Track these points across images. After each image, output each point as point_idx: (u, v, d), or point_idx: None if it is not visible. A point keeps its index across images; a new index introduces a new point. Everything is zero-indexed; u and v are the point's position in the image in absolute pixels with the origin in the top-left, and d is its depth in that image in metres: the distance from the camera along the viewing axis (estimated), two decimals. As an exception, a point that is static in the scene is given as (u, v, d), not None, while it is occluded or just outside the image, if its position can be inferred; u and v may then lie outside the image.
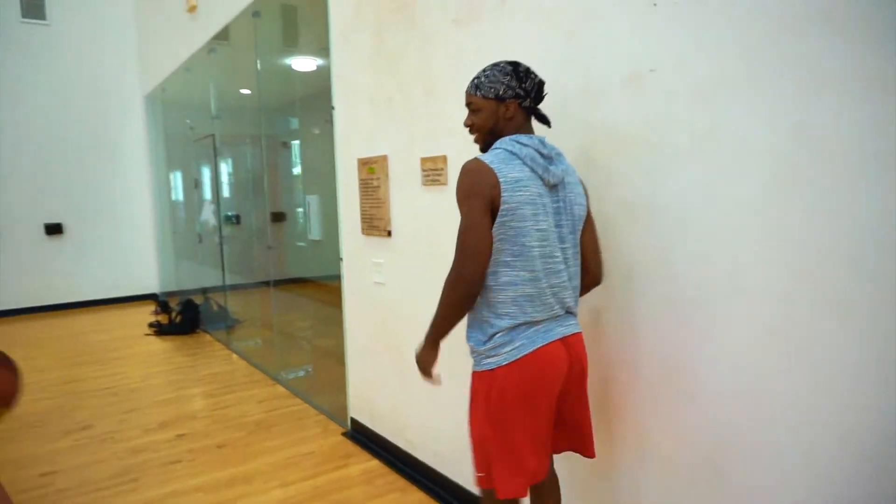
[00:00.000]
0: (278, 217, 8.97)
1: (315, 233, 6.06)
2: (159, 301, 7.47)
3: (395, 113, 2.85)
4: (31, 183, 7.92)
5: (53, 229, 8.10)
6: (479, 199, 1.54)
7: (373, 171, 3.07)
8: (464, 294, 1.58)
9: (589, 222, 1.75)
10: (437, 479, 2.80)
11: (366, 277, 3.25)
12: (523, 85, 1.65)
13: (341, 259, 3.51)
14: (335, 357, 4.20)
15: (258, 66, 4.77)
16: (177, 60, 6.40)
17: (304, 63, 5.91)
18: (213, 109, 5.80)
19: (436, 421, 2.80)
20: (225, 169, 7.10)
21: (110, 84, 8.35)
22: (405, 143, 2.80)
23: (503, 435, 1.61)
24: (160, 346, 6.05)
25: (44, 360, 5.56)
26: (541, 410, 1.63)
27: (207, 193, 6.95)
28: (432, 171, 2.61)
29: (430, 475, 2.85)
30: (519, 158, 1.59)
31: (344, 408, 3.63)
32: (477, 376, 1.68)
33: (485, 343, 1.63)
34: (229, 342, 5.95)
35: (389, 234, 2.98)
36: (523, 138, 1.63)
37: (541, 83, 1.70)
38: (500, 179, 1.54)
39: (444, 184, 2.54)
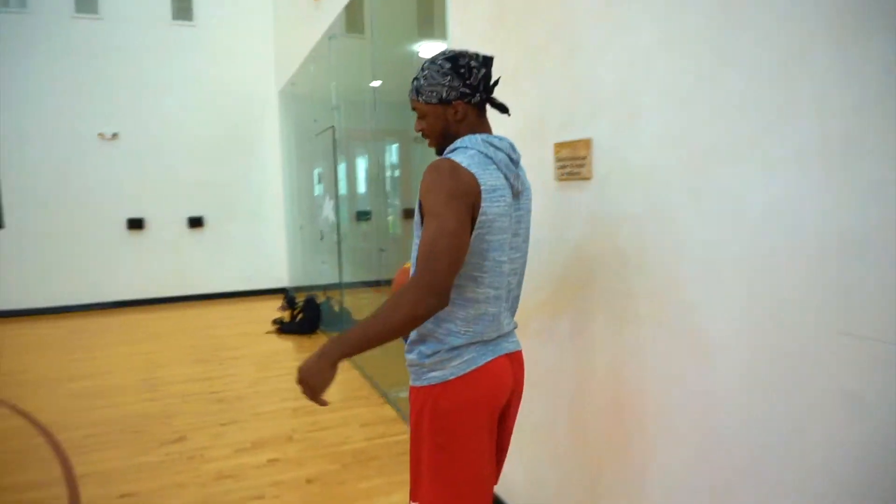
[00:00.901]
0: (410, 213, 8.66)
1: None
2: (287, 296, 7.41)
3: (521, 87, 2.18)
4: (177, 179, 8.23)
5: (195, 223, 8.37)
6: (463, 203, 1.34)
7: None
8: (433, 307, 1.30)
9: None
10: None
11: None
12: (467, 82, 1.46)
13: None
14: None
15: (381, 54, 4.32)
16: (304, 53, 6.19)
17: (431, 49, 5.42)
18: (333, 100, 5.47)
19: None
20: (349, 164, 6.84)
21: (250, 81, 8.49)
22: (534, 126, 2.12)
23: (448, 457, 1.46)
24: (278, 346, 5.86)
25: (167, 354, 5.57)
26: (489, 430, 1.51)
27: (330, 189, 6.72)
28: (571, 160, 1.90)
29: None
30: (494, 163, 1.43)
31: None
32: (418, 392, 1.51)
33: (429, 357, 1.47)
34: (345, 347, 5.60)
35: (511, 242, 2.32)
36: (495, 140, 1.47)
37: (487, 75, 1.48)
38: (481, 187, 1.37)
39: (587, 178, 1.83)
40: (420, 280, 1.29)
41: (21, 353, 5.82)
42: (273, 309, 7.36)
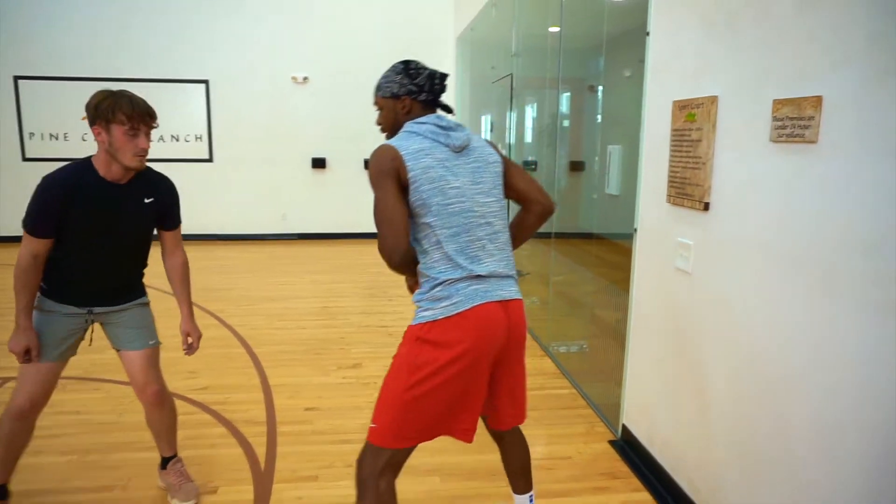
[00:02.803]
0: (576, 166, 8.41)
1: (613, 186, 5.36)
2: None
3: (740, 34, 1.96)
4: (356, 122, 8.69)
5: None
6: (386, 176, 1.63)
7: (692, 119, 2.24)
8: (395, 262, 1.65)
9: (512, 170, 1.92)
10: (733, 557, 2.00)
11: (666, 260, 2.48)
12: (415, 81, 1.78)
13: (635, 230, 2.77)
14: (616, 336, 3.54)
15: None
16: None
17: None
18: (512, 47, 5.38)
19: (747, 480, 1.97)
20: (522, 113, 6.76)
21: (429, 27, 8.62)
22: (749, 80, 1.91)
23: (406, 375, 1.65)
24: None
25: (344, 286, 6.05)
26: (473, 371, 1.65)
27: (502, 138, 6.71)
28: (793, 119, 1.69)
29: (723, 546, 2.06)
30: (419, 135, 1.72)
31: (617, 406, 2.98)
32: (411, 329, 1.70)
33: (425, 294, 1.68)
34: (506, 296, 5.68)
35: (706, 207, 2.15)
36: (420, 118, 1.76)
37: (432, 75, 1.81)
38: (402, 152, 1.65)
39: (813, 141, 1.62)
40: (378, 244, 1.65)
41: (226, 272, 6.65)
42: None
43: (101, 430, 2.96)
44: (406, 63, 1.82)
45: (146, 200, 2.15)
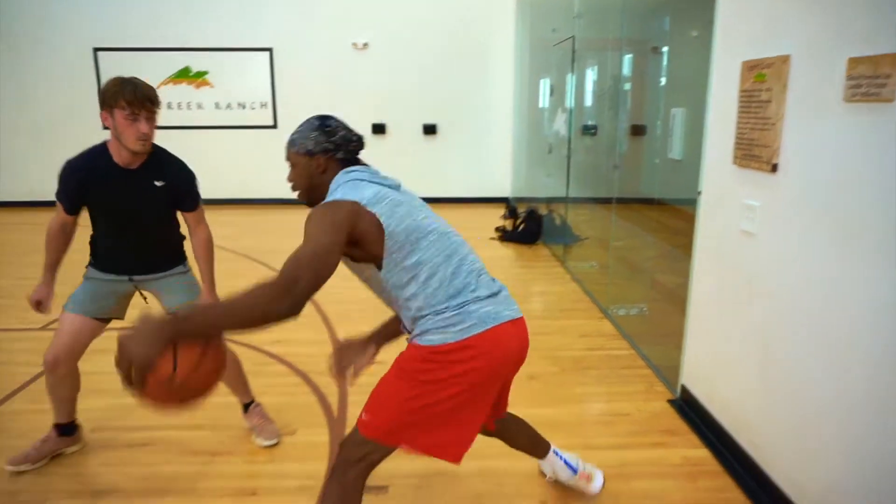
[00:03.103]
0: (638, 130, 8.26)
1: (676, 151, 5.27)
2: (509, 206, 7.70)
3: (815, -10, 1.92)
4: (415, 88, 8.77)
5: (429, 130, 8.93)
6: (339, 228, 1.46)
7: (762, 79, 2.21)
8: (284, 313, 1.33)
9: None
10: (790, 511, 2.06)
11: (730, 222, 2.49)
12: (331, 139, 1.68)
13: (699, 192, 2.77)
14: (676, 301, 3.56)
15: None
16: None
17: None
18: (575, 8, 5.29)
19: (805, 440, 2.01)
20: (583, 76, 6.66)
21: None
22: (822, 38, 1.88)
23: (427, 410, 1.59)
24: (501, 252, 6.19)
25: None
26: (482, 392, 1.62)
27: (562, 102, 6.65)
28: (868, 78, 1.67)
29: (779, 502, 2.11)
30: (363, 181, 1.63)
31: (676, 368, 3.03)
32: (417, 347, 1.61)
33: (429, 325, 1.58)
34: (565, 260, 5.73)
35: (774, 168, 2.14)
36: (351, 169, 1.67)
37: (348, 136, 1.71)
38: (362, 203, 1.54)
39: (889, 99, 1.60)
40: (282, 283, 1.32)
41: (291, 236, 6.90)
42: (495, 217, 7.70)
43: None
44: (322, 119, 1.71)
45: (157, 183, 2.27)
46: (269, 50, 8.60)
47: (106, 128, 2.17)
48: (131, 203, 2.28)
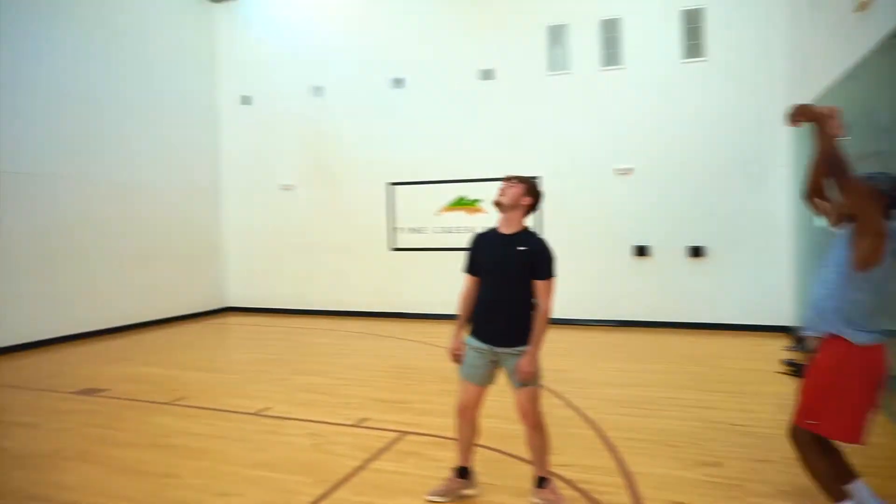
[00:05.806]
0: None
1: None
2: (797, 336, 6.85)
3: None
4: (680, 209, 8.60)
5: (695, 252, 8.56)
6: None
7: None
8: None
9: None
10: None
11: None
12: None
13: None
14: None
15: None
16: (835, 69, 5.65)
17: None
18: (882, 121, 4.80)
19: None
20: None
21: (758, 108, 8.19)
22: None
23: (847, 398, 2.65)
24: (794, 389, 5.45)
25: (679, 377, 5.85)
26: (870, 390, 2.64)
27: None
28: None
29: None
30: None
31: None
32: (852, 346, 2.61)
33: (856, 324, 2.62)
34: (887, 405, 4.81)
35: None
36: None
37: None
38: None
39: None
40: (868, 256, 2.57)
41: (561, 355, 6.97)
42: (776, 347, 6.91)
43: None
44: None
45: (519, 248, 3.06)
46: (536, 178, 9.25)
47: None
48: (499, 259, 3.15)
